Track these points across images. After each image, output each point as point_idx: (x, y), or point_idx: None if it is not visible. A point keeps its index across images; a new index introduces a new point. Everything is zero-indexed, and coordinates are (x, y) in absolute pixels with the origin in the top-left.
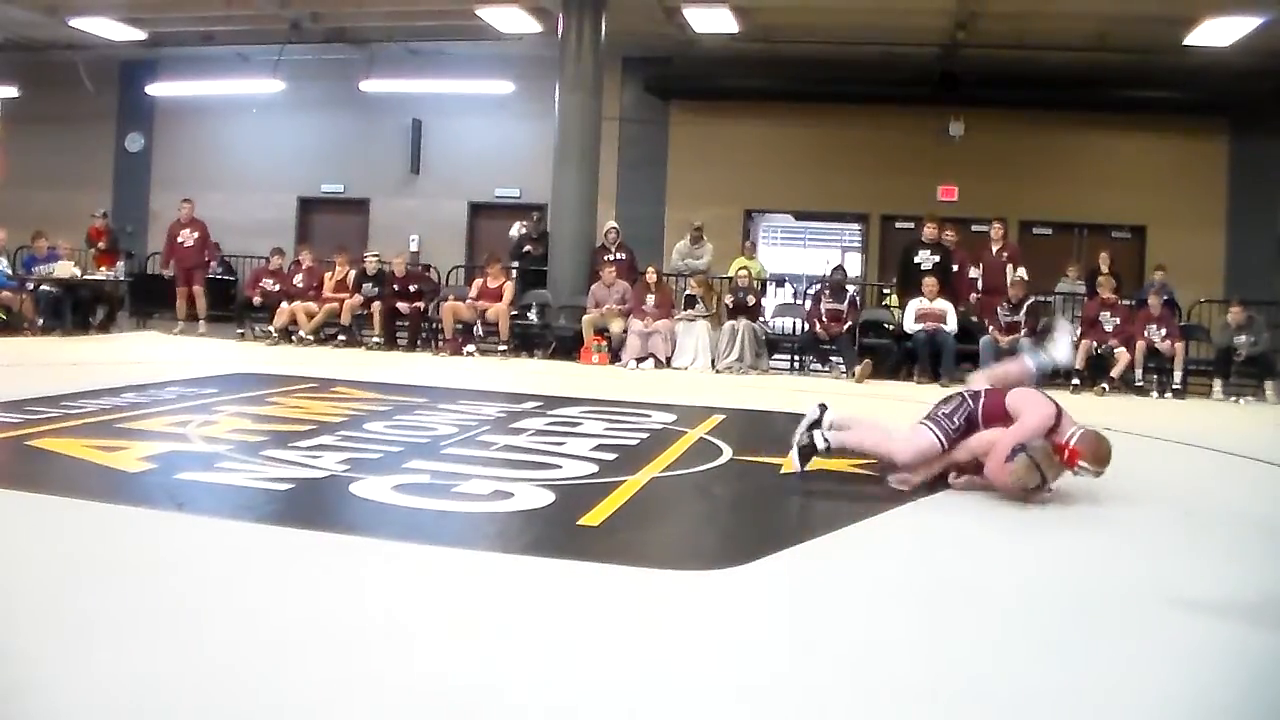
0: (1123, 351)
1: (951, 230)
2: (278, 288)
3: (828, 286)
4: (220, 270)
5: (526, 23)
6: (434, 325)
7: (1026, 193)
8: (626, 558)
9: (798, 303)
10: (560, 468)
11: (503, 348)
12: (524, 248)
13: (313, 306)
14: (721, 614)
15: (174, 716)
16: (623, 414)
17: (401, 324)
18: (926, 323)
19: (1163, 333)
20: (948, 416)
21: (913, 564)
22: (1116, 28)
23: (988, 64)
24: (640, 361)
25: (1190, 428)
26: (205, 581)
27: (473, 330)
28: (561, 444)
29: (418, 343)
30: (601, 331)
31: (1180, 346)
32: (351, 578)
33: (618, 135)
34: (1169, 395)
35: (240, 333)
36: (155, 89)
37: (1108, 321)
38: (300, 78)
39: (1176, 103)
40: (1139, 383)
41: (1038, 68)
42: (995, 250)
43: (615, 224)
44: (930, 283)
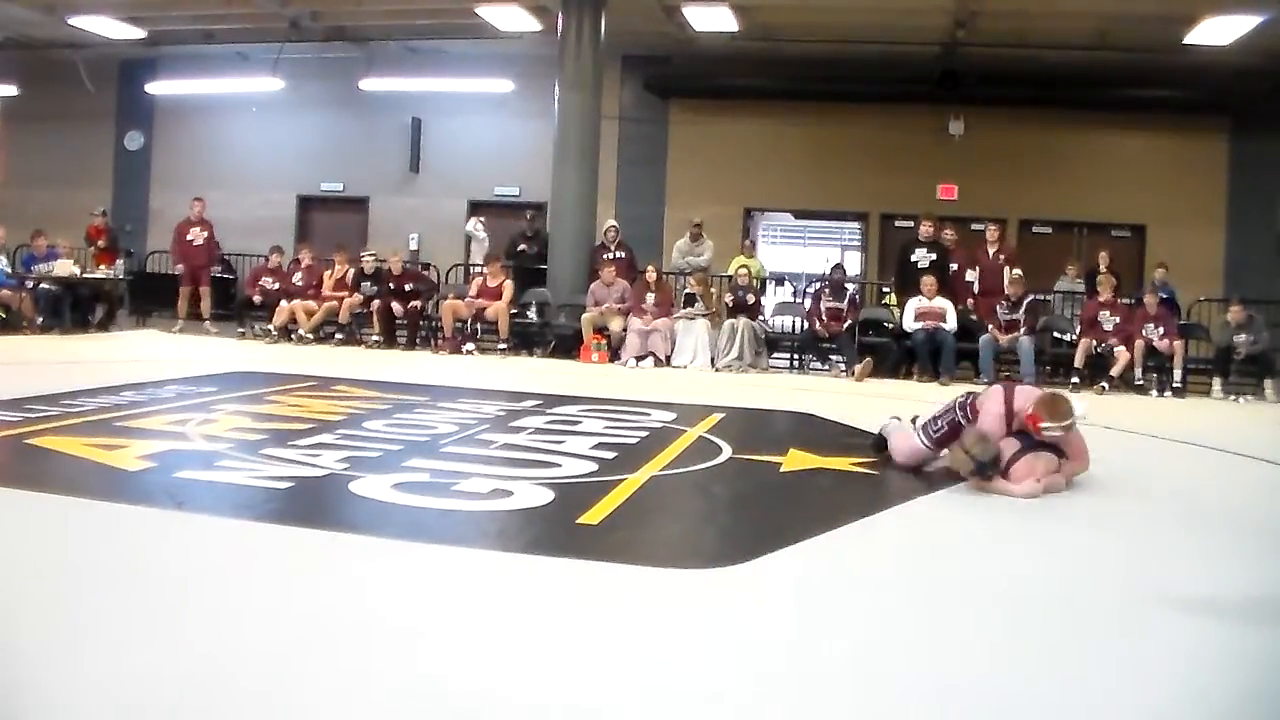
0: (1122, 350)
1: (950, 229)
2: (277, 286)
3: (827, 285)
4: (220, 269)
5: (526, 21)
6: (433, 324)
7: (1026, 191)
8: (626, 556)
9: (797, 301)
10: (560, 466)
11: (502, 346)
12: (519, 246)
13: (312, 305)
14: (721, 612)
15: (175, 715)
16: (622, 412)
17: (401, 322)
18: (926, 321)
19: (1160, 331)
20: (933, 420)
21: (912, 562)
22: (1116, 26)
23: (988, 62)
24: (640, 360)
25: (1189, 426)
26: (205, 580)
27: (469, 328)
28: (561, 442)
29: (417, 341)
30: (601, 330)
31: (1179, 345)
32: (351, 576)
33: (617, 134)
34: (1168, 394)
35: (240, 331)
36: (155, 87)
37: (1107, 320)
38: (300, 76)
39: (1176, 101)
40: (1139, 382)
41: (1038, 66)
42: (992, 252)
43: (615, 222)
44: (929, 281)
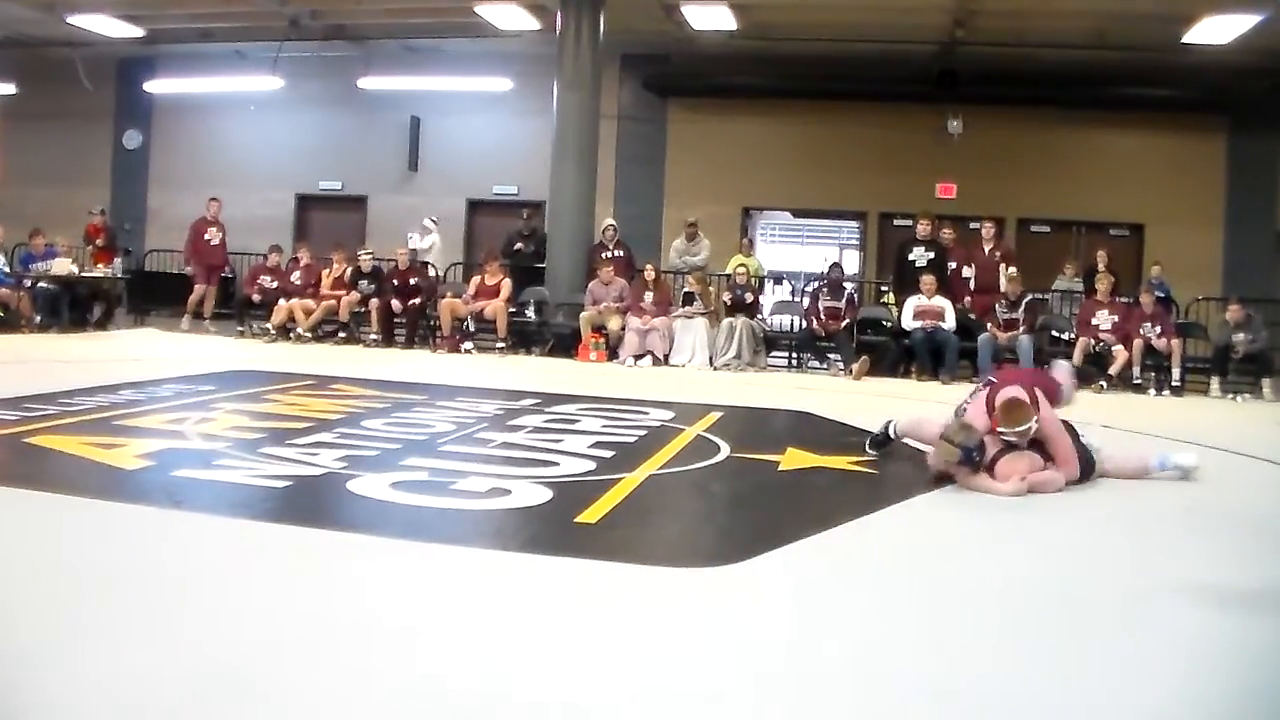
0: (1120, 349)
1: (949, 228)
2: (276, 285)
3: (826, 284)
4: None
5: (525, 20)
6: (431, 322)
7: (1025, 190)
8: (624, 555)
9: (796, 300)
10: (558, 465)
11: (500, 345)
12: (516, 245)
13: (310, 304)
14: (720, 611)
15: (173, 714)
16: (620, 411)
17: (399, 321)
18: (925, 320)
19: (1158, 330)
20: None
21: (910, 561)
22: (1115, 25)
23: (986, 61)
24: (638, 359)
25: (1187, 425)
26: (203, 579)
27: (467, 326)
28: (559, 441)
29: (415, 340)
30: (599, 329)
31: (1177, 344)
32: (350, 575)
33: (616, 132)
34: (1167, 393)
35: (239, 330)
36: (153, 86)
37: (1105, 319)
38: (298, 75)
39: (1175, 100)
40: (1137, 380)
41: (1036, 65)
42: (988, 250)
43: (613, 221)
44: (928, 280)
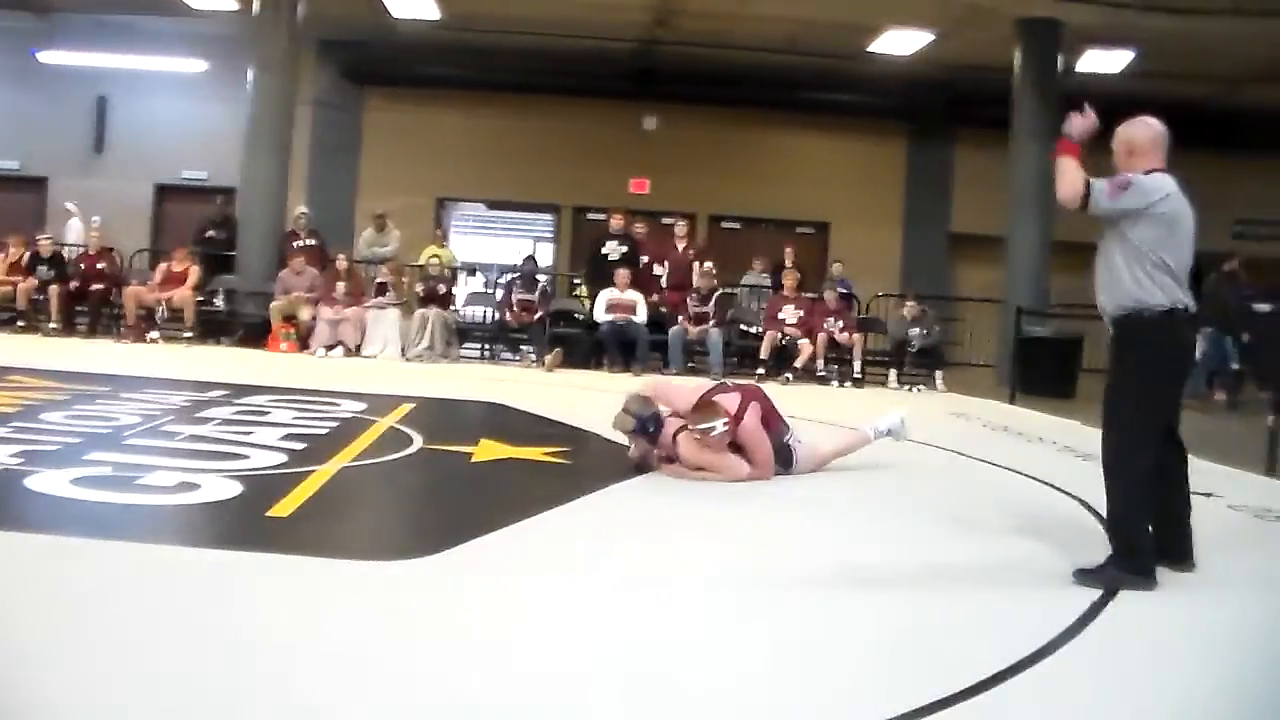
0: (805, 343)
1: (641, 223)
2: None
3: (520, 276)
4: None
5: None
6: (115, 311)
7: (717, 187)
8: (317, 549)
9: (489, 292)
10: (248, 458)
11: (188, 334)
12: (208, 232)
13: None
14: (413, 603)
15: None
16: (312, 403)
17: (81, 309)
18: (616, 313)
19: (840, 325)
20: None
21: (605, 550)
22: (807, 32)
23: (684, 61)
24: (329, 349)
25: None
26: None
27: (155, 316)
28: (249, 433)
29: (98, 329)
30: (290, 318)
31: (858, 338)
32: (27, 577)
33: (311, 119)
34: (849, 385)
35: None
36: None
37: (791, 314)
38: None
39: (860, 106)
40: (821, 373)
41: (731, 67)
42: (681, 248)
43: (306, 209)
44: (622, 273)
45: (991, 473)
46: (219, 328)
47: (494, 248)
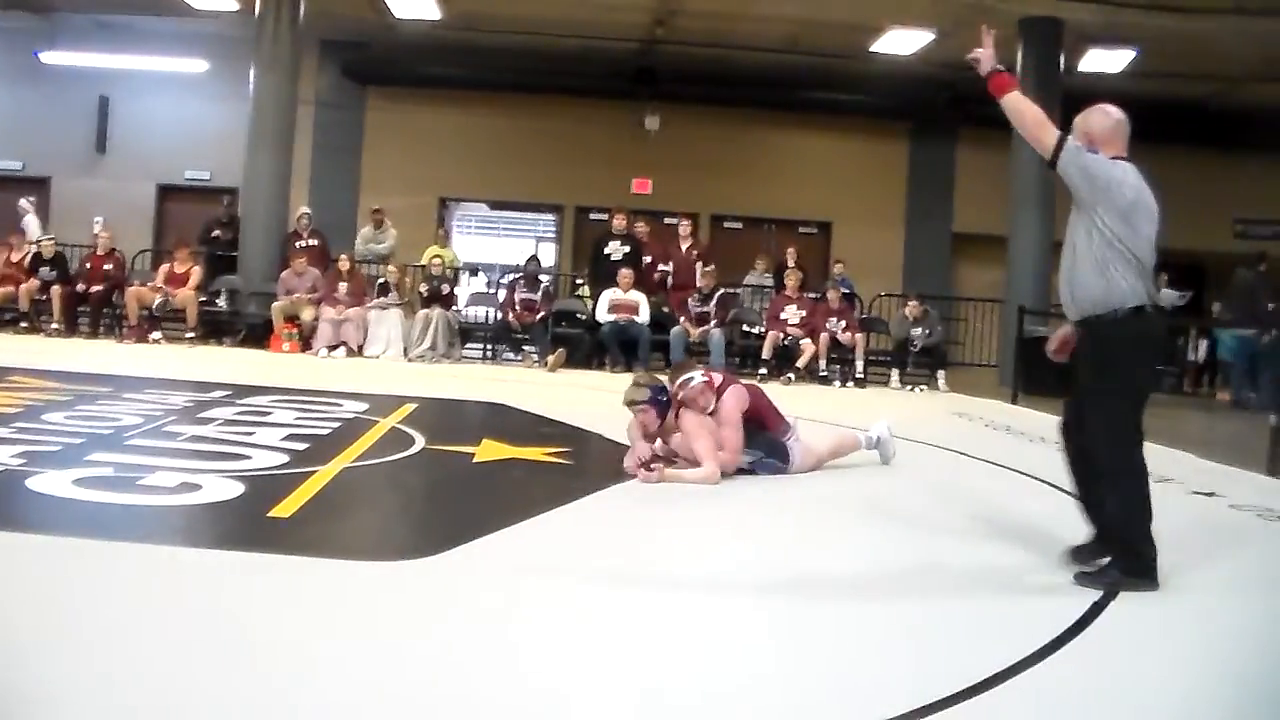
0: (808, 343)
1: (643, 222)
2: None
3: (523, 276)
4: None
5: (223, 0)
6: (118, 311)
7: (719, 187)
8: (319, 549)
9: (491, 292)
10: (250, 458)
11: (190, 335)
12: (214, 232)
13: None
14: (414, 604)
15: None
16: (314, 403)
17: (83, 310)
18: (619, 314)
19: (842, 325)
20: None
21: (606, 550)
22: (808, 31)
23: (685, 61)
24: (332, 349)
25: (869, 415)
26: None
27: (157, 316)
28: (251, 434)
29: (100, 329)
30: (292, 319)
31: (860, 338)
32: (30, 578)
33: (313, 119)
34: (851, 385)
35: None
36: None
37: (793, 314)
38: None
39: (862, 106)
40: (823, 373)
41: (732, 67)
42: (685, 247)
43: (308, 210)
44: (625, 274)
45: (993, 473)
46: (221, 328)
47: (496, 248)
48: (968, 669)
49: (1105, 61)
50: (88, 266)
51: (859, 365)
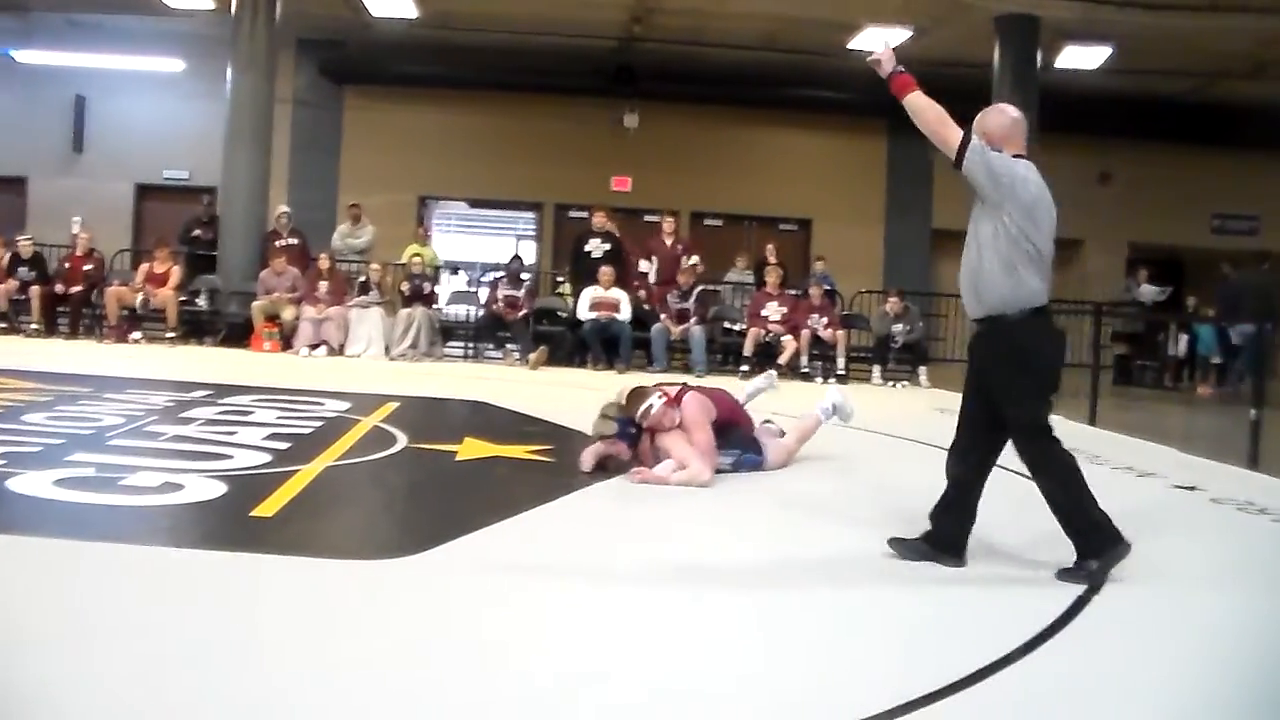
0: (789, 339)
1: (622, 221)
2: None
3: (506, 274)
4: None
5: None
6: (97, 311)
7: (698, 185)
8: (302, 548)
9: (472, 290)
10: (232, 458)
11: (170, 335)
12: (194, 232)
13: None
14: (397, 602)
15: None
16: (295, 402)
17: (63, 310)
18: (600, 311)
19: (824, 321)
20: None
21: (589, 547)
22: (785, 29)
23: (663, 59)
24: (313, 349)
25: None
26: None
27: (138, 315)
28: (233, 433)
29: (80, 329)
30: (273, 318)
31: (841, 335)
32: (9, 579)
33: (291, 118)
34: (832, 381)
35: None
36: None
37: (775, 311)
38: None
39: (840, 103)
40: (805, 369)
41: (711, 64)
42: (669, 243)
43: (287, 209)
44: (606, 271)
45: None
46: (202, 328)
47: (476, 246)
48: (954, 664)
49: (1082, 58)
50: (66, 266)
51: (840, 362)
